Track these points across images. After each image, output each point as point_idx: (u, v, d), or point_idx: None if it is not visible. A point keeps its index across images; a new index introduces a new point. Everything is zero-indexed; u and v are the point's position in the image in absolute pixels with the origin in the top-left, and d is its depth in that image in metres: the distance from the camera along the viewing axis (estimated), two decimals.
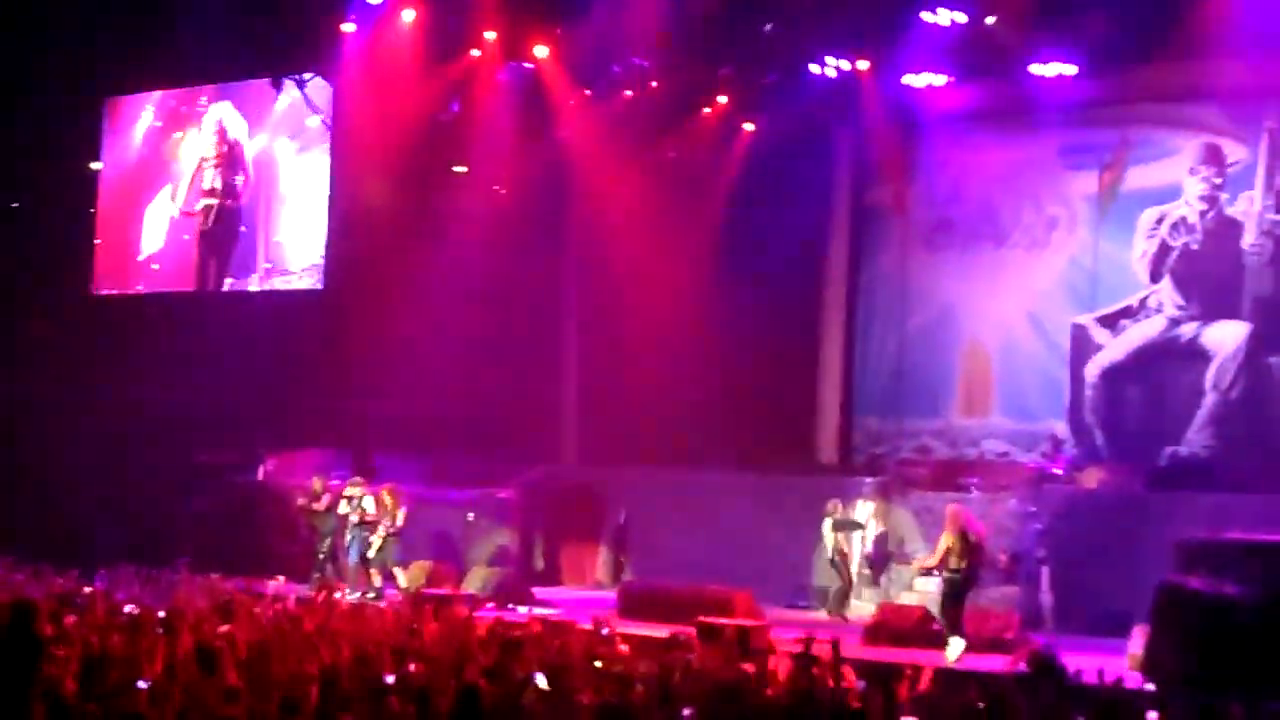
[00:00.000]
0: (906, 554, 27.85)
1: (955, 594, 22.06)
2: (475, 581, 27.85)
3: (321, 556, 28.34)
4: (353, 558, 27.76)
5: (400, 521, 27.50)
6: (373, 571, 27.37)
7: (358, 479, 28.55)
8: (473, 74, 31.47)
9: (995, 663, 20.25)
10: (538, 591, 28.34)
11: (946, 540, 22.09)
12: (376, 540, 27.41)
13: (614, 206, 32.20)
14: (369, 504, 27.67)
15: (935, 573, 22.94)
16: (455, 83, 31.71)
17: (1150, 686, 18.19)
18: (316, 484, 28.79)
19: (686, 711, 13.16)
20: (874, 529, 28.35)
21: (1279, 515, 22.68)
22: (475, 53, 31.09)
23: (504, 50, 30.89)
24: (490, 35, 30.60)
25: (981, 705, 13.78)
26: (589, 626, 19.92)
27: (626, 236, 32.03)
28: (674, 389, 31.74)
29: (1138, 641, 20.51)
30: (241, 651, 14.89)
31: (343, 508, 27.89)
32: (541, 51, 30.90)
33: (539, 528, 32.16)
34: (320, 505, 28.47)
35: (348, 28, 31.09)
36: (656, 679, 14.57)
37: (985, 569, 23.44)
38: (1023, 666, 17.22)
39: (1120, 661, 19.99)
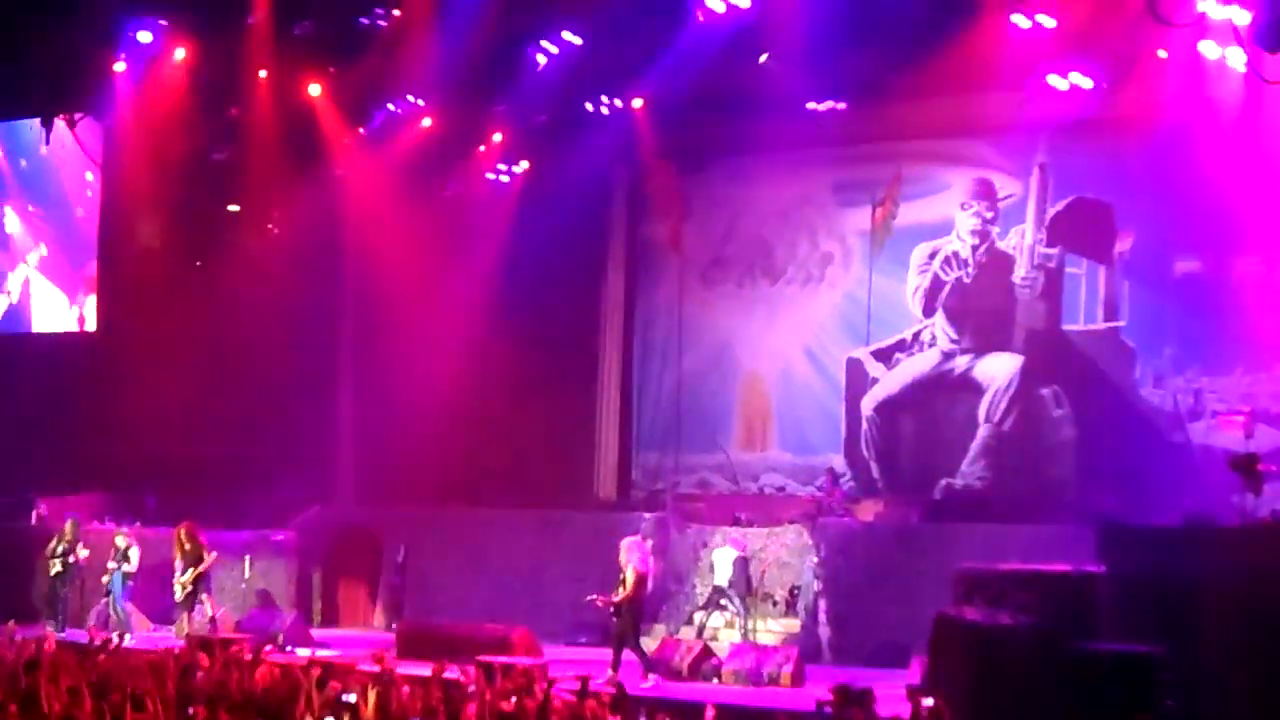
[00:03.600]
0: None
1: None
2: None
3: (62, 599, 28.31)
4: (116, 600, 27.68)
5: (204, 560, 27.52)
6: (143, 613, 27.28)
7: (123, 529, 28.46)
8: (246, 113, 31.10)
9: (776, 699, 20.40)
10: (316, 633, 28.05)
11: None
12: (179, 584, 27.33)
13: (390, 244, 31.96)
14: (134, 552, 27.74)
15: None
16: (228, 121, 31.34)
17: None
18: (68, 529, 28.60)
19: None
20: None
21: (1051, 545, 23.00)
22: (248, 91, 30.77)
23: (276, 89, 30.57)
24: (263, 74, 30.30)
25: None
26: (370, 667, 19.70)
27: (403, 274, 31.82)
28: (452, 427, 31.59)
29: (916, 672, 20.71)
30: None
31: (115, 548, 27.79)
32: (315, 90, 30.64)
33: (316, 568, 31.86)
34: (72, 548, 28.30)
35: (119, 67, 30.63)
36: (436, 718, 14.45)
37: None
38: (828, 704, 17.29)
39: (898, 692, 20.18)
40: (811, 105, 28.95)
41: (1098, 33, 25.41)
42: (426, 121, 31.11)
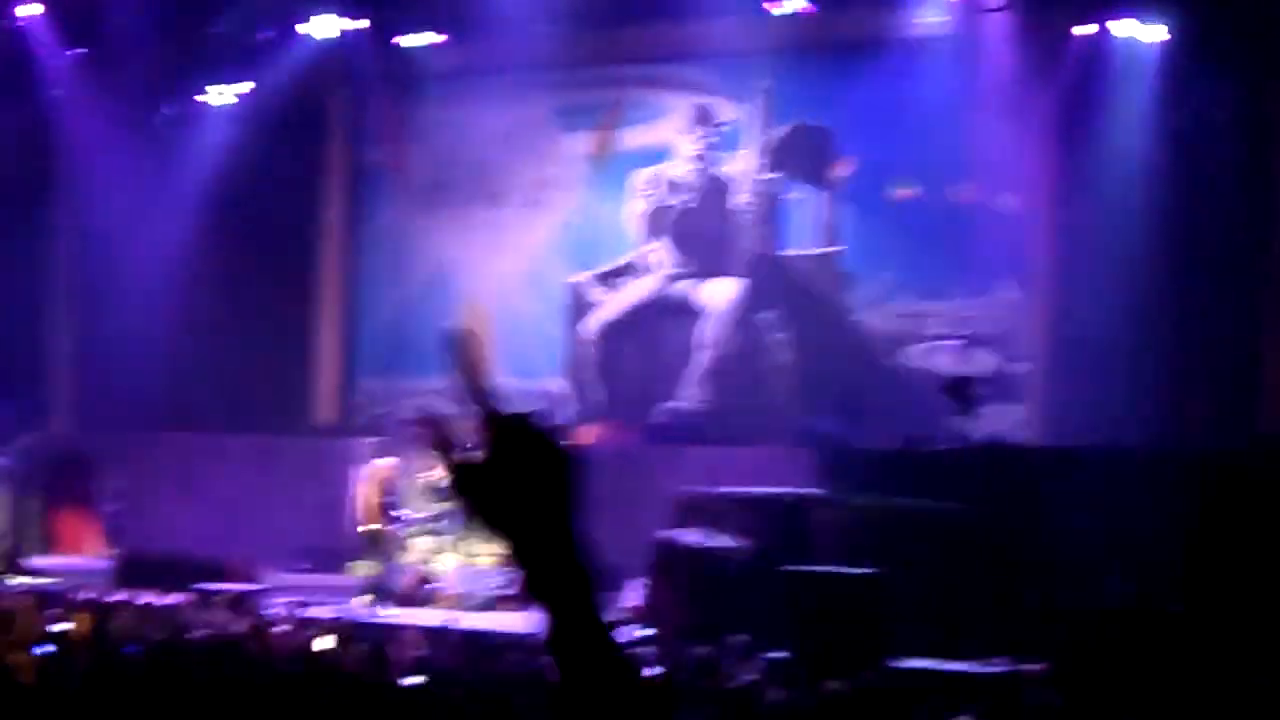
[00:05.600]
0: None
1: None
2: None
3: None
4: None
5: None
6: None
7: None
8: None
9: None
10: (34, 562, 27.52)
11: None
12: None
13: (104, 167, 31.26)
14: None
15: None
16: None
17: (647, 632, 18.48)
18: None
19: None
20: None
21: (769, 468, 23.17)
22: None
23: None
24: None
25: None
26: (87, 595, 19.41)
27: (118, 197, 31.15)
28: (168, 350, 31.09)
29: (633, 595, 20.78)
30: None
31: None
32: (30, 9, 29.78)
33: (33, 495, 31.25)
34: None
35: None
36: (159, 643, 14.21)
37: None
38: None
39: (618, 614, 20.25)
40: (531, 28, 28.79)
41: None
42: (143, 43, 30.33)
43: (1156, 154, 24.68)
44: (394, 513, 24.36)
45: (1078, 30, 25.41)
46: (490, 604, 22.72)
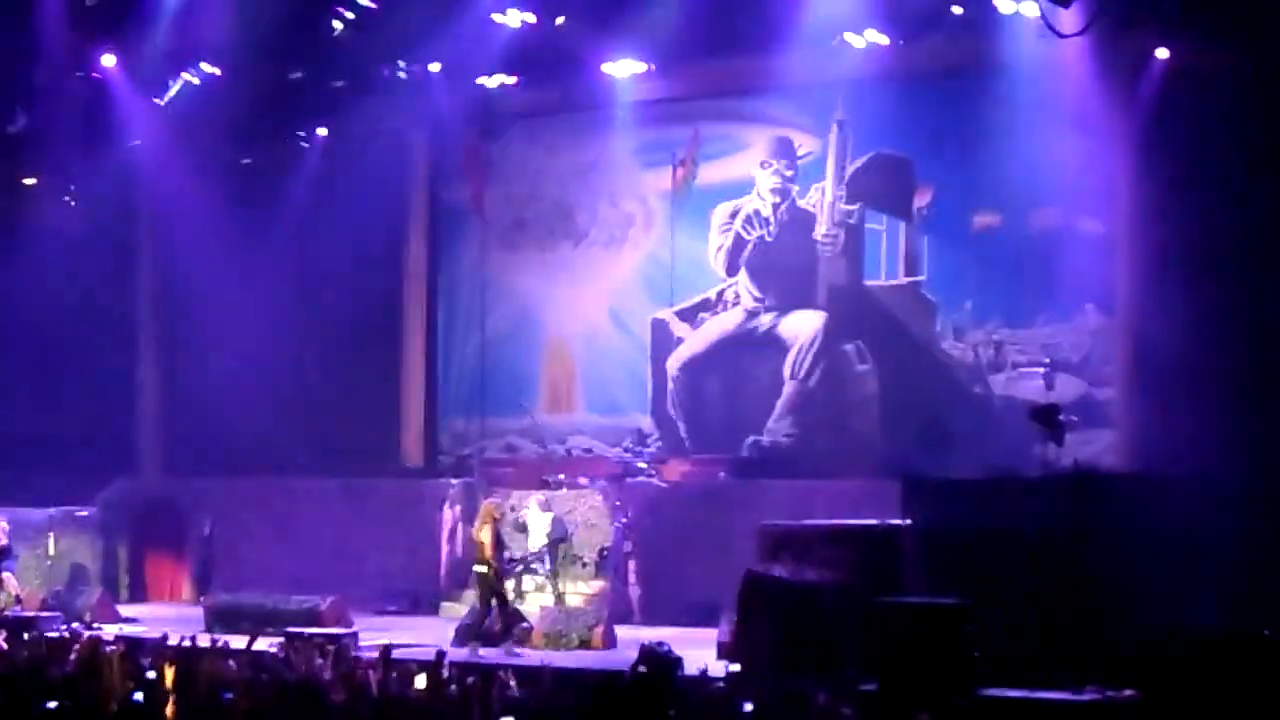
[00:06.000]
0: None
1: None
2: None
3: None
4: None
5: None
6: None
7: None
8: (41, 83, 30.45)
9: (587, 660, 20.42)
10: (124, 609, 27.72)
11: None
12: None
13: (189, 215, 31.52)
14: None
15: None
16: (23, 93, 30.67)
17: (735, 669, 18.47)
18: None
19: None
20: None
21: (857, 499, 23.13)
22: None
23: (71, 59, 29.94)
24: (57, 44, 29.67)
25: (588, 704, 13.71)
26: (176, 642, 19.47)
27: (203, 244, 31.38)
28: (255, 396, 31.29)
29: (725, 629, 20.79)
30: None
31: None
32: (109, 60, 30.05)
33: (122, 543, 31.52)
34: None
35: None
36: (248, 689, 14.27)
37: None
38: (639, 666, 17.33)
39: (709, 650, 20.26)
40: (608, 67, 28.98)
41: None
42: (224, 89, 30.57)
43: (1237, 177, 24.52)
44: (506, 553, 24.19)
45: (1157, 54, 25.29)
46: (583, 642, 22.76)
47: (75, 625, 24.53)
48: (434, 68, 29.78)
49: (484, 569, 23.19)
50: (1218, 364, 24.13)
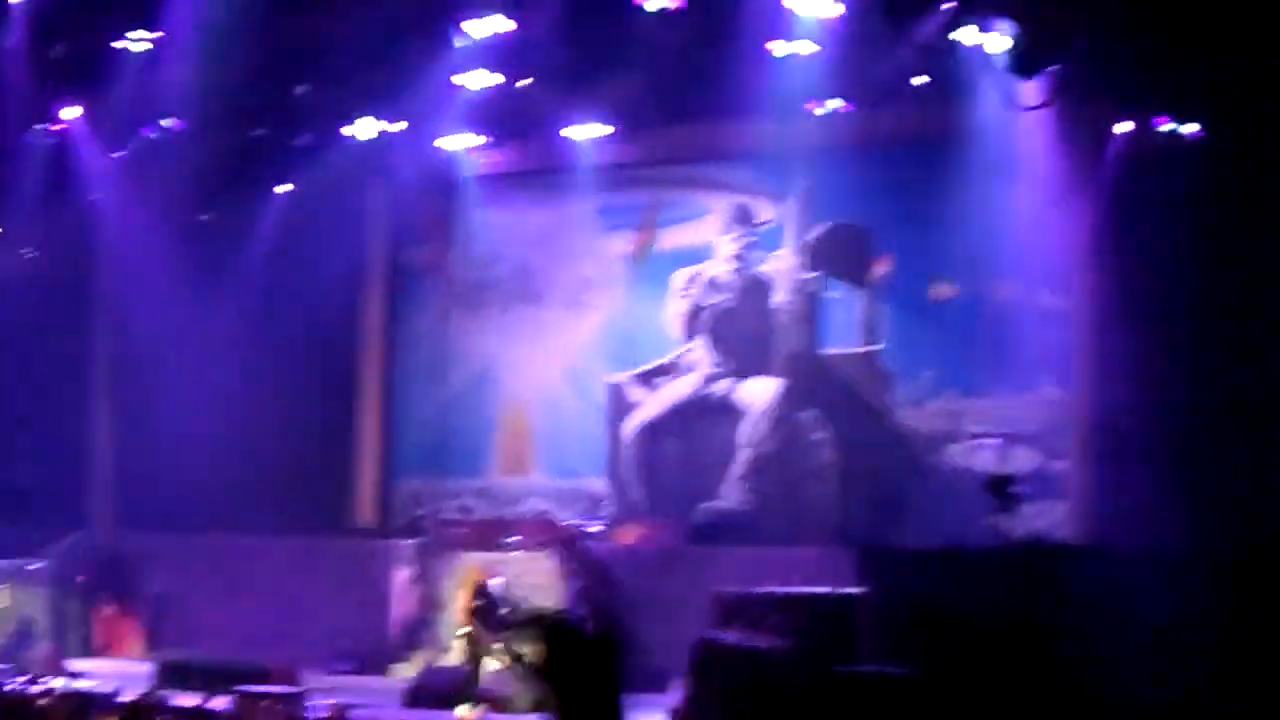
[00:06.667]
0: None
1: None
2: None
3: None
4: None
5: None
6: None
7: None
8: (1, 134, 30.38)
9: None
10: (74, 664, 27.53)
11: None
12: None
13: (147, 269, 31.45)
14: None
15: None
16: None
17: None
18: None
19: None
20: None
21: (811, 567, 23.07)
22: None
23: (32, 110, 29.87)
24: (19, 95, 29.59)
25: None
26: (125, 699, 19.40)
27: (160, 299, 31.30)
28: (210, 452, 31.10)
29: (676, 696, 20.69)
30: None
31: None
32: (70, 112, 29.99)
33: (73, 597, 31.31)
34: None
35: None
36: None
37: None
38: None
39: (660, 717, 20.16)
40: (571, 130, 29.05)
41: (856, 59, 25.67)
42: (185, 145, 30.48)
43: (1197, 253, 24.62)
44: (501, 611, 23.62)
45: (1118, 128, 25.42)
46: (536, 705, 22.58)
47: (21, 680, 24.34)
48: (397, 127, 29.75)
49: (469, 631, 22.88)
50: (1174, 439, 24.20)
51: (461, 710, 22.06)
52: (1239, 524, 23.54)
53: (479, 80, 27.67)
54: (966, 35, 24.27)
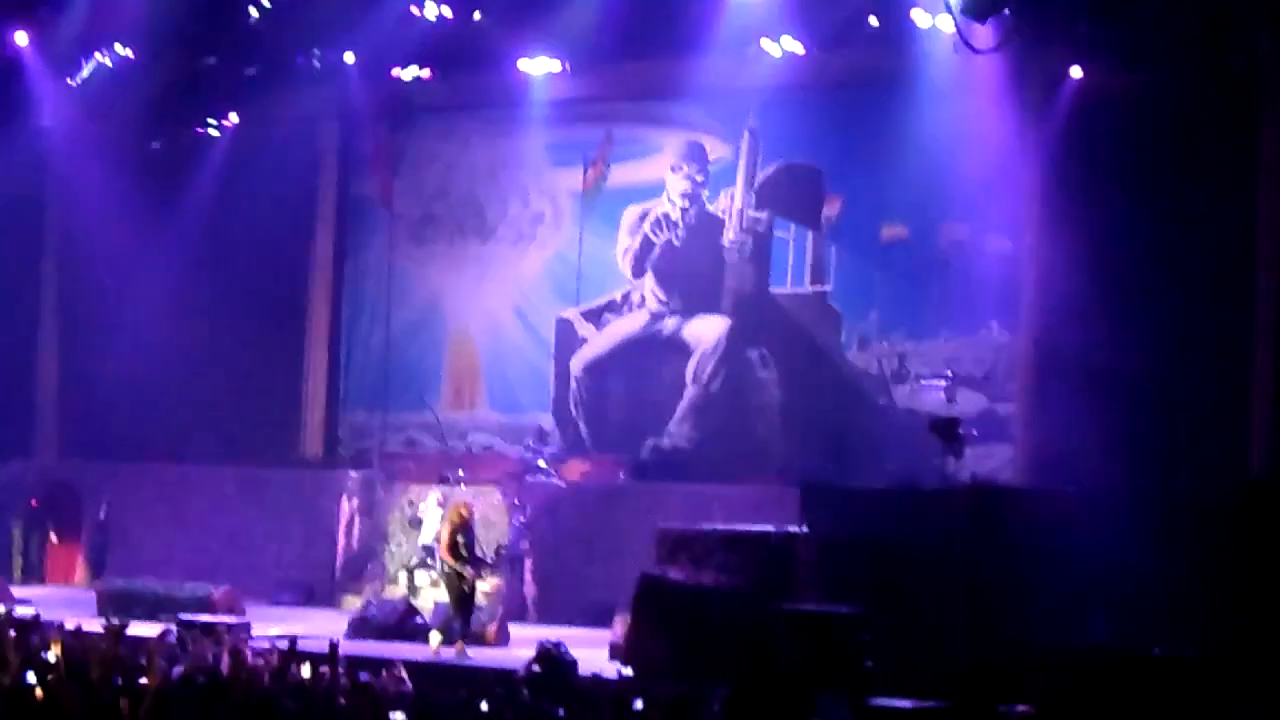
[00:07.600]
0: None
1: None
2: None
3: None
4: None
5: None
6: None
7: None
8: None
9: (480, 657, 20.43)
10: (17, 591, 27.46)
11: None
12: None
13: (96, 197, 31.28)
14: None
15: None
16: None
17: (628, 672, 18.42)
18: None
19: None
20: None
21: (756, 505, 23.20)
22: None
23: None
24: None
25: (483, 704, 13.61)
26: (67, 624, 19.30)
27: (108, 227, 31.13)
28: (157, 381, 31.09)
29: (618, 630, 20.78)
30: None
31: None
32: (21, 38, 29.73)
33: (16, 524, 31.28)
34: None
35: None
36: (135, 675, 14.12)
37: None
38: (534, 665, 17.39)
39: (602, 651, 20.25)
40: (524, 64, 28.96)
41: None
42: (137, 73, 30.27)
43: (1144, 197, 24.72)
44: (478, 553, 22.83)
45: (1070, 72, 25.46)
46: (478, 637, 22.60)
47: None
48: (348, 58, 29.59)
49: (449, 568, 22.45)
50: (1119, 383, 24.34)
51: (434, 640, 21.97)
52: (1183, 468, 23.72)
53: (433, 11, 27.54)
54: None
